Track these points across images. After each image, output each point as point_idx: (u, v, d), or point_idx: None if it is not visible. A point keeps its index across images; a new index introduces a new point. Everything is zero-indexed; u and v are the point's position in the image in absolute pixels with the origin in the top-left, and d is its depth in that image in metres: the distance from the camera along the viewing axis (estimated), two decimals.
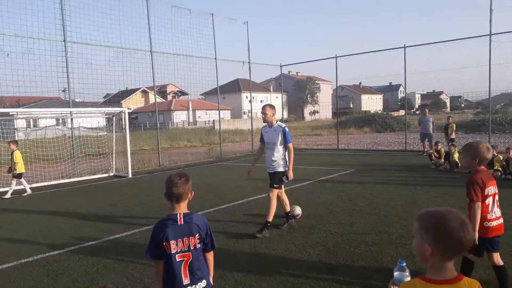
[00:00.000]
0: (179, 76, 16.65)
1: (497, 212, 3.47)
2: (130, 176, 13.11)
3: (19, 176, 10.30)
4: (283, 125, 6.06)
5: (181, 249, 2.50)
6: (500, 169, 10.12)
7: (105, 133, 14.52)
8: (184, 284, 2.48)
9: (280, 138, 6.02)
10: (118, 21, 14.24)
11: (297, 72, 73.49)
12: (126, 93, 54.47)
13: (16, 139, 12.19)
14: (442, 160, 11.92)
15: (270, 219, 5.97)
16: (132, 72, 15.08)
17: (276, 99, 63.86)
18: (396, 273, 1.93)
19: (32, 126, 29.74)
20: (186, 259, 2.52)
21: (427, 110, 16.66)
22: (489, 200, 3.39)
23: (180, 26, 16.21)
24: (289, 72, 76.12)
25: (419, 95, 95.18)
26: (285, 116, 65.47)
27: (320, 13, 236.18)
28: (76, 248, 5.67)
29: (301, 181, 10.38)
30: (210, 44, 17.63)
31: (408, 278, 1.88)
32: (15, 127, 25.84)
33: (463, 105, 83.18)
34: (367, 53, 18.40)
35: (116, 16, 14.27)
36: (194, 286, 2.50)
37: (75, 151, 13.66)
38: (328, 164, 13.86)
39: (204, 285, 2.56)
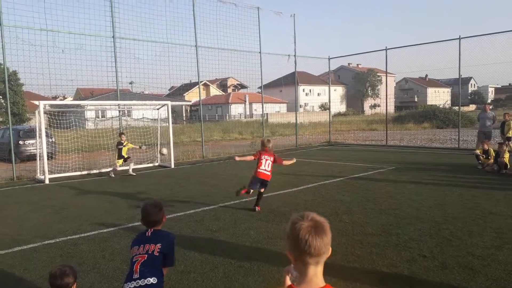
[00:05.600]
0: (233, 70, 17.21)
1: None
2: (172, 166, 13.71)
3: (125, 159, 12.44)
4: None
5: (140, 252, 2.95)
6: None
7: (166, 124, 15.37)
8: (133, 278, 2.88)
9: None
10: (164, 18, 14.87)
11: (357, 64, 71.28)
12: (189, 86, 56.50)
13: (87, 127, 13.83)
14: (492, 160, 11.05)
15: None
16: (188, 68, 15.85)
17: (335, 92, 62.63)
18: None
19: (100, 117, 32.27)
20: (140, 259, 2.93)
21: (487, 105, 15.50)
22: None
23: (225, 21, 16.49)
24: (349, 64, 74.12)
25: (493, 89, 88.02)
26: (343, 109, 64.35)
27: (370, 4, 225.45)
28: (95, 233, 6.12)
29: (332, 177, 10.20)
30: (256, 38, 17.80)
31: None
32: (86, 117, 28.14)
33: None
34: (419, 45, 17.45)
35: (162, 12, 14.92)
36: (142, 279, 2.81)
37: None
38: (368, 161, 13.39)
39: (154, 282, 2.85)
